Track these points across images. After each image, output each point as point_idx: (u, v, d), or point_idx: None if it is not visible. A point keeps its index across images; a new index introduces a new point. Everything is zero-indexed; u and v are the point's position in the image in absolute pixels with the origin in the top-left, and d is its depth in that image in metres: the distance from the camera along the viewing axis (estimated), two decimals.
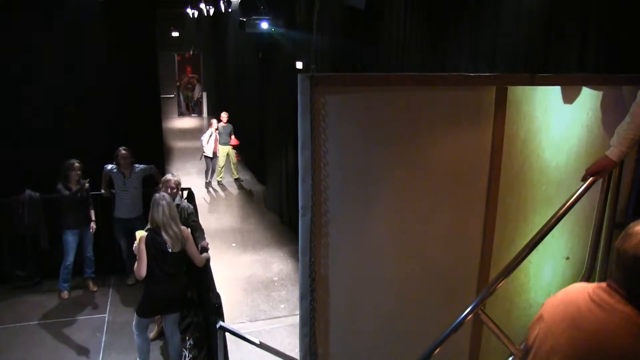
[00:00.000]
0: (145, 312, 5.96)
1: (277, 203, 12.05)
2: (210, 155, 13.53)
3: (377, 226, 3.63)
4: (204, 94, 24.74)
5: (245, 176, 15.01)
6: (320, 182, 3.32)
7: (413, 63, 6.79)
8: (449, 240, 3.84)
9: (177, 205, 6.69)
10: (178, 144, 19.00)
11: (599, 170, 3.58)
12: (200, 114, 25.21)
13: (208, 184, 13.86)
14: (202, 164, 14.31)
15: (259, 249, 10.29)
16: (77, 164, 7.68)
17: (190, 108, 25.44)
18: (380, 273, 3.72)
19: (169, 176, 6.79)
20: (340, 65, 8.30)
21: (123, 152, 7.88)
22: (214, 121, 13.64)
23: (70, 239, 7.77)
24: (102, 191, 8.08)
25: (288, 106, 10.46)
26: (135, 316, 6.07)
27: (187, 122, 23.66)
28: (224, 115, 13.70)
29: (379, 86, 3.44)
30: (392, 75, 3.46)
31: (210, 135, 13.39)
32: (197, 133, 21.12)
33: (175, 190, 6.64)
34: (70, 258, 7.86)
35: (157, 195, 5.78)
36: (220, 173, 14.07)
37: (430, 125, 3.61)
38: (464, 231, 3.86)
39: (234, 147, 13.92)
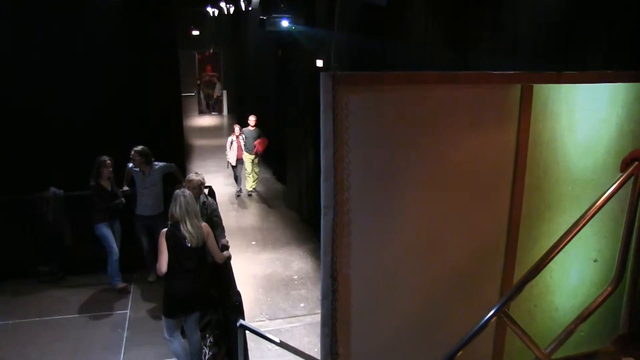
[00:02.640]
0: (170, 311, 5.92)
1: (297, 201, 12.04)
2: (233, 163, 13.06)
3: (399, 226, 3.57)
4: (224, 92, 24.83)
5: (265, 174, 15.02)
6: (343, 181, 3.27)
7: (435, 61, 6.71)
8: (473, 241, 3.77)
9: (203, 202, 6.73)
10: (198, 142, 19.09)
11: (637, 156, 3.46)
12: (220, 112, 25.31)
13: (238, 193, 13.41)
14: (221, 177, 14.08)
15: (278, 247, 10.28)
16: (108, 161, 7.80)
17: (211, 106, 25.56)
18: (402, 273, 3.67)
19: (192, 176, 6.81)
20: (361, 63, 8.24)
21: (133, 152, 7.94)
22: (236, 127, 13.11)
23: (106, 230, 7.85)
24: (125, 188, 8.15)
25: (308, 104, 10.43)
26: (163, 320, 6.02)
27: (207, 120, 23.77)
28: (252, 119, 13.07)
29: (401, 85, 3.38)
30: (414, 74, 3.40)
31: (232, 143, 12.91)
32: (217, 131, 21.19)
33: (198, 190, 6.66)
34: (114, 249, 7.94)
35: (177, 190, 5.79)
36: (250, 182, 13.41)
37: (454, 124, 3.54)
38: (487, 231, 3.79)
39: (257, 153, 13.15)
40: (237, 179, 13.35)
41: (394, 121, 3.36)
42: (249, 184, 13.30)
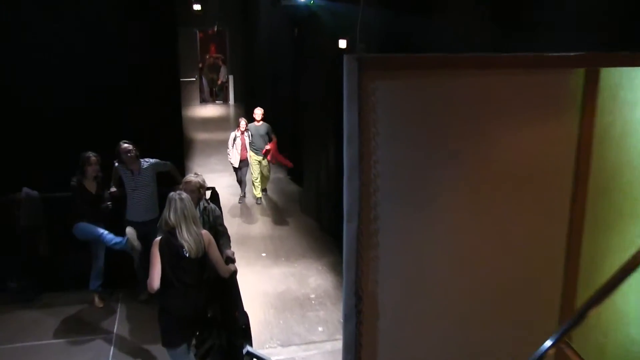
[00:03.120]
0: (171, 337, 5.86)
1: (315, 206, 12.04)
2: (236, 164, 12.69)
3: (436, 236, 3.55)
4: (230, 78, 24.91)
5: (278, 174, 15.04)
6: (370, 183, 3.26)
7: (479, 41, 6.67)
8: (524, 255, 3.74)
9: (204, 208, 6.73)
10: (200, 136, 19.19)
11: None
12: (225, 100, 25.41)
13: (242, 199, 13.17)
14: (226, 177, 13.76)
15: (293, 260, 10.28)
16: (94, 157, 7.82)
17: (215, 93, 25.67)
18: (439, 292, 3.65)
19: (190, 176, 6.78)
20: (392, 43, 8.22)
21: (124, 145, 7.93)
22: (242, 121, 12.61)
23: (86, 225, 7.81)
24: (112, 189, 8.17)
25: (329, 92, 10.42)
26: (167, 353, 5.97)
27: (211, 110, 23.88)
28: (258, 112, 12.55)
29: (440, 69, 3.36)
30: (454, 57, 3.38)
31: (235, 140, 12.52)
32: (222, 123, 21.28)
33: (197, 194, 6.63)
34: (100, 254, 8.02)
35: (171, 193, 5.80)
36: (257, 187, 13.11)
37: (502, 116, 3.51)
38: (542, 245, 3.75)
39: (270, 159, 12.72)
40: (240, 182, 13.14)
41: (431, 113, 3.34)
42: (256, 191, 13.14)
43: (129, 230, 7.56)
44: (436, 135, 3.41)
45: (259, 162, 12.72)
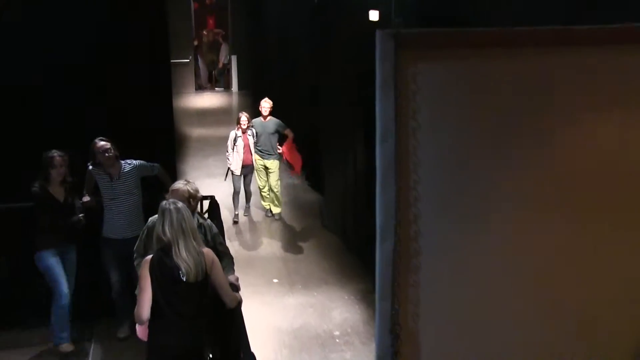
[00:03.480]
0: None
1: (340, 219, 12.04)
2: (238, 171, 12.44)
3: (493, 257, 3.56)
4: (233, 59, 24.98)
5: (293, 179, 15.07)
6: (409, 191, 3.28)
7: (543, 13, 6.65)
8: (603, 278, 3.73)
9: (199, 225, 6.71)
10: (196, 132, 19.26)
11: None
12: (227, 86, 25.47)
13: (236, 219, 12.82)
14: (228, 182, 12.90)
15: (312, 288, 10.30)
16: (59, 158, 7.79)
17: (214, 79, 25.77)
18: (496, 326, 3.65)
19: (178, 184, 6.74)
20: (436, 16, 8.21)
21: (101, 143, 7.96)
22: (243, 116, 12.36)
23: (52, 261, 7.88)
24: (85, 198, 8.18)
25: (358, 77, 10.43)
26: None
27: (209, 99, 23.95)
28: (265, 105, 12.43)
29: (497, 48, 3.37)
30: (520, 31, 3.38)
31: (235, 140, 12.31)
32: (222, 115, 21.34)
33: (187, 206, 6.59)
34: (63, 290, 7.97)
35: (164, 202, 5.83)
36: (267, 198, 12.97)
37: (579, 105, 3.51)
38: (627, 265, 3.74)
39: (289, 160, 12.59)
40: (236, 196, 12.73)
41: (486, 103, 3.34)
42: (265, 202, 13.02)
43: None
44: (495, 130, 3.41)
45: (266, 168, 12.57)
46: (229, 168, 12.51)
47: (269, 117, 12.51)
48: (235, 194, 12.75)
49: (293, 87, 15.68)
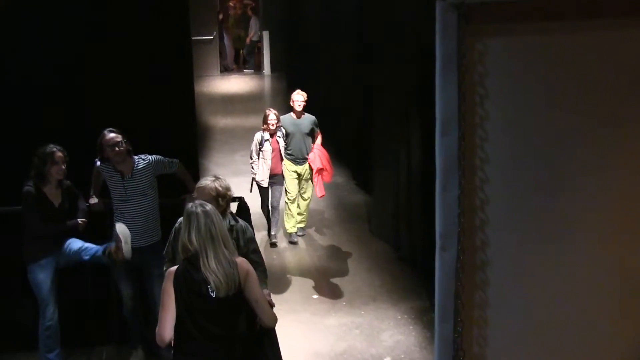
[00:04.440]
0: None
1: (392, 225, 12.02)
2: (265, 182, 12.02)
3: (576, 272, 3.54)
4: (265, 35, 25.01)
5: (336, 177, 15.07)
6: (475, 193, 3.27)
7: None
8: None
9: (231, 227, 6.72)
10: (221, 122, 19.35)
11: None
12: (258, 68, 25.56)
13: (274, 240, 12.41)
14: (255, 193, 12.40)
15: (358, 306, 10.30)
16: (59, 153, 7.83)
17: (242, 59, 25.87)
18: (575, 355, 3.64)
19: (205, 181, 6.75)
20: None
21: (110, 135, 7.95)
22: (271, 114, 11.90)
23: (42, 276, 7.95)
24: (92, 200, 8.24)
25: (413, 55, 10.41)
26: None
27: (237, 83, 24.05)
28: (299, 98, 12.00)
29: (582, 18, 3.35)
30: None
31: (262, 144, 11.89)
32: (252, 102, 21.40)
33: (216, 206, 6.58)
34: (48, 313, 8.01)
35: (190, 204, 5.83)
36: (293, 217, 12.43)
37: None
38: None
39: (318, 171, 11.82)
40: (268, 212, 12.32)
41: (570, 84, 3.31)
42: (290, 222, 12.44)
43: (120, 226, 7.65)
44: (578, 121, 3.39)
45: (298, 175, 12.15)
46: (253, 179, 12.07)
47: (302, 115, 12.08)
48: (264, 205, 12.43)
49: (337, 70, 15.65)
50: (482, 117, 3.28)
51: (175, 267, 5.68)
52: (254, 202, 11.12)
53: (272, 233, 12.43)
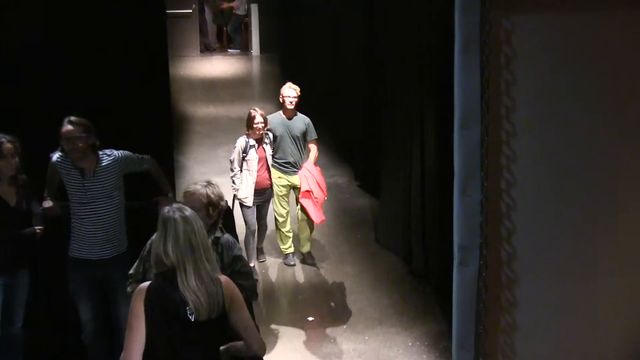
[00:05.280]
0: None
1: (402, 235, 12.04)
2: (249, 200, 11.46)
3: (620, 292, 3.55)
4: (253, 8, 25.07)
5: (336, 177, 15.09)
6: (500, 197, 3.27)
7: None
8: None
9: (216, 240, 6.72)
10: (201, 111, 19.37)
11: None
12: (245, 48, 25.59)
13: (261, 260, 12.12)
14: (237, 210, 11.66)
15: (362, 330, 10.31)
16: (9, 145, 7.82)
17: (226, 36, 25.90)
18: None
19: (195, 186, 6.75)
20: None
21: (67, 128, 7.90)
22: (257, 114, 11.24)
23: None
24: (46, 204, 8.21)
25: (427, 39, 10.43)
26: None
27: (220, 66, 24.08)
28: (291, 94, 11.56)
29: None
30: None
31: (245, 152, 11.35)
32: (238, 88, 21.42)
33: (204, 216, 6.59)
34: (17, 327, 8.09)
35: (166, 208, 5.79)
36: (288, 237, 11.99)
37: None
38: None
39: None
40: (252, 237, 11.75)
41: (613, 67, 3.32)
42: (285, 244, 12.00)
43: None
44: (622, 111, 3.39)
45: (292, 189, 11.86)
46: (234, 196, 11.49)
47: (294, 115, 11.77)
48: (251, 233, 11.79)
49: (339, 50, 15.67)
50: (509, 107, 3.28)
51: (147, 284, 5.61)
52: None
53: (259, 247, 12.14)
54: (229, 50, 25.62)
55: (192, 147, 16.76)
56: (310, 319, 10.58)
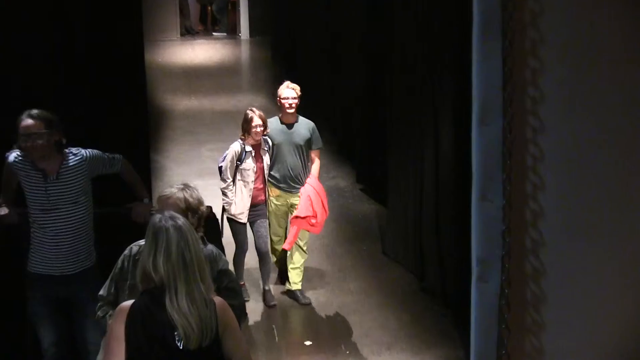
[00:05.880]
0: None
1: (412, 247, 12.05)
2: (244, 216, 11.25)
3: None
4: None
5: (337, 180, 15.11)
6: (525, 203, 3.26)
7: None
8: None
9: None
10: (182, 104, 19.41)
11: None
12: (233, 31, 25.60)
13: (271, 303, 11.41)
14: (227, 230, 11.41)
15: (366, 355, 10.32)
16: None
17: (210, 17, 25.92)
18: None
19: (171, 190, 6.77)
20: None
21: (26, 123, 7.85)
22: (254, 115, 10.87)
23: None
24: (1, 212, 8.20)
25: (443, 17, 10.44)
26: None
27: (203, 51, 24.12)
28: (289, 94, 11.12)
29: None
30: None
31: (240, 159, 11.10)
32: (224, 77, 21.44)
33: (191, 221, 6.60)
34: None
35: (156, 216, 5.78)
36: (297, 269, 11.48)
37: None
38: None
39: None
40: (242, 257, 11.46)
41: None
42: (294, 275, 11.52)
43: None
44: None
45: (288, 207, 11.56)
46: (224, 209, 11.26)
47: (296, 117, 11.42)
48: (241, 253, 11.49)
49: (340, 33, 15.69)
50: (536, 99, 3.27)
51: (129, 302, 5.55)
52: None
53: (266, 288, 11.47)
54: (213, 33, 25.70)
55: (171, 145, 16.78)
56: (308, 343, 10.59)
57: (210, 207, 8.66)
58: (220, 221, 10.50)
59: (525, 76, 3.25)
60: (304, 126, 11.30)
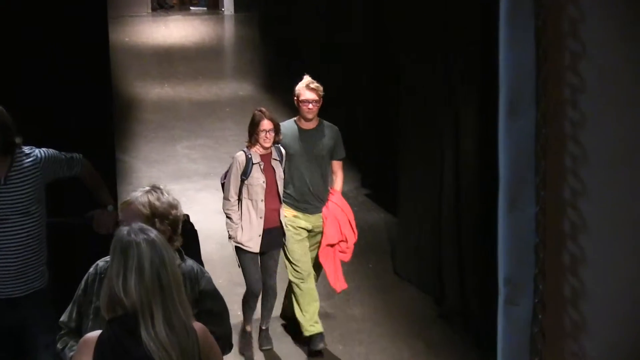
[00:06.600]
0: None
1: (429, 264, 12.08)
2: (255, 245, 10.80)
3: None
4: None
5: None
6: (564, 211, 3.27)
7: None
8: None
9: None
10: (154, 92, 19.46)
11: None
12: (214, 5, 25.71)
13: (265, 348, 11.14)
14: (226, 257, 11.86)
15: None
16: None
17: None
18: None
19: (136, 193, 6.76)
20: None
21: None
22: (264, 120, 10.46)
23: None
24: None
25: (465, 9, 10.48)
26: None
27: (180, 29, 24.23)
28: (309, 96, 10.70)
29: None
30: None
31: (246, 172, 10.68)
32: (206, 60, 21.50)
33: (161, 229, 6.59)
34: None
35: (125, 229, 5.77)
36: (313, 305, 11.04)
37: None
38: None
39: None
40: (254, 300, 11.02)
41: None
42: (307, 318, 10.92)
43: None
44: None
45: (308, 232, 11.18)
46: (230, 237, 10.90)
47: (317, 122, 11.11)
48: (252, 296, 11.05)
49: (342, 11, 15.74)
50: (576, 88, 3.28)
51: (96, 333, 5.53)
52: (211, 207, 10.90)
53: (263, 328, 11.23)
54: (191, 8, 25.84)
55: (140, 143, 16.81)
56: None
57: (187, 216, 8.66)
58: (234, 252, 10.68)
59: (563, 61, 3.26)
60: (327, 133, 11.02)
